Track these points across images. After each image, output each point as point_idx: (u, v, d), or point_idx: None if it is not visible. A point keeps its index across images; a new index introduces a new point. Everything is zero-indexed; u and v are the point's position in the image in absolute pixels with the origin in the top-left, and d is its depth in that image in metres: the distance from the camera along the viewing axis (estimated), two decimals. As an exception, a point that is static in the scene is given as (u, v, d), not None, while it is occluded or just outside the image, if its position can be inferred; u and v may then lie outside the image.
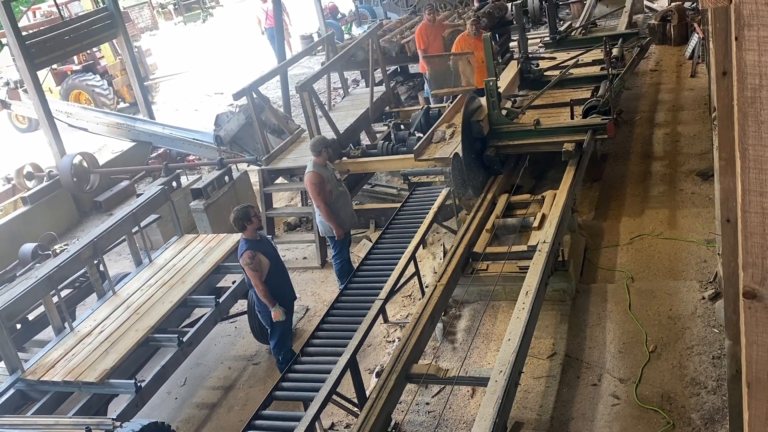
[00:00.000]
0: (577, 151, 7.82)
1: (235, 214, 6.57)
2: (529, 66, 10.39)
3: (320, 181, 7.69)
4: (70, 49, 13.60)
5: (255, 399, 6.70)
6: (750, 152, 1.53)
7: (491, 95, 8.10)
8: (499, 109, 8.23)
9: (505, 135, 8.27)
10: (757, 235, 1.57)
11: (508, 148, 8.32)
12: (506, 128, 8.29)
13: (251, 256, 6.49)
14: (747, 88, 1.49)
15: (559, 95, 9.55)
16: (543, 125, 8.11)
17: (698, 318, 6.44)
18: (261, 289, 6.55)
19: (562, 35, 11.83)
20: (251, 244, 6.59)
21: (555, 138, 8.03)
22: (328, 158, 7.93)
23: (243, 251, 6.54)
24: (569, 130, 8.04)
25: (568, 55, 10.85)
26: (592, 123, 7.99)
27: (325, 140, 8.04)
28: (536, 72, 10.30)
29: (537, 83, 10.00)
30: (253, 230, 6.65)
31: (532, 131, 8.09)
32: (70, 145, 13.08)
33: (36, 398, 6.32)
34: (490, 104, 8.17)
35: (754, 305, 1.62)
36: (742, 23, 1.46)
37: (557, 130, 8.12)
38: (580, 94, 9.37)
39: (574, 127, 8.08)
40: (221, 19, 34.14)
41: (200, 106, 18.81)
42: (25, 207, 11.60)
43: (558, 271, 6.90)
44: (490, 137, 8.25)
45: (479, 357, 6.57)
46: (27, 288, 6.59)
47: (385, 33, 14.18)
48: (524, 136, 8.21)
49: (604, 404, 5.73)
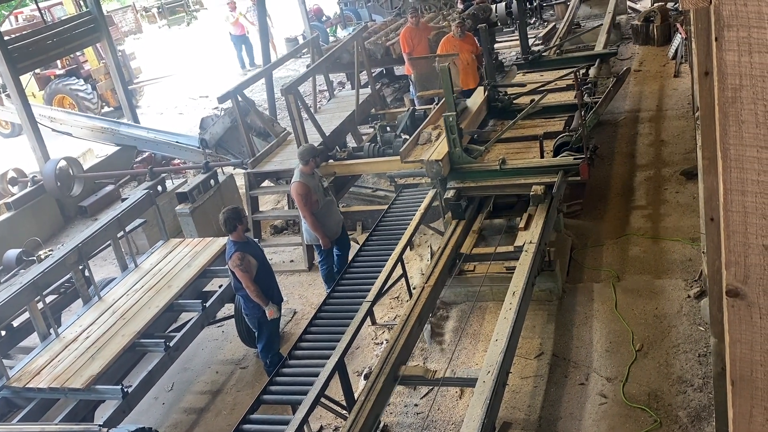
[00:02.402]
0: (547, 194, 7.06)
1: (226, 215, 6.54)
2: (496, 93, 9.42)
3: (306, 191, 7.66)
4: (53, 54, 13.53)
5: (243, 403, 6.67)
6: (731, 152, 1.54)
7: (451, 131, 7.35)
8: (461, 146, 7.46)
9: (467, 175, 7.52)
10: (739, 234, 1.59)
11: (470, 190, 7.54)
12: (468, 168, 7.52)
13: (241, 258, 6.47)
14: (727, 88, 1.50)
15: (530, 126, 8.69)
16: (509, 164, 7.38)
17: (684, 316, 6.49)
18: (253, 289, 6.52)
19: (535, 56, 11.12)
20: (239, 245, 6.56)
21: (522, 179, 7.29)
22: (315, 166, 7.90)
23: (232, 253, 6.51)
24: (538, 171, 7.27)
25: (541, 77, 10.25)
26: (563, 163, 7.21)
27: (314, 149, 7.96)
28: (505, 101, 9.35)
29: (506, 112, 9.17)
30: (242, 232, 6.63)
31: (497, 171, 7.34)
32: (54, 150, 12.98)
33: (21, 405, 6.28)
34: (450, 141, 7.41)
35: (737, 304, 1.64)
36: (722, 24, 1.47)
37: (525, 170, 7.35)
38: (552, 125, 8.56)
39: (544, 168, 7.29)
40: (205, 22, 34.01)
41: (185, 109, 18.74)
42: (9, 212, 11.50)
43: (544, 272, 6.93)
44: (451, 178, 7.51)
45: (467, 358, 6.59)
46: (12, 294, 6.54)
47: (370, 35, 14.20)
48: (489, 177, 7.44)
49: (592, 403, 5.75)
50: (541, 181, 7.11)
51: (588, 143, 7.02)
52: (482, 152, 7.62)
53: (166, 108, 19.38)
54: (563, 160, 7.24)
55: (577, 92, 7.26)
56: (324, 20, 22.40)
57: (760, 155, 1.51)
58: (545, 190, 7.03)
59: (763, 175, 1.52)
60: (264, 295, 6.59)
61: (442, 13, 15.99)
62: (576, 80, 7.42)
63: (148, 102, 20.35)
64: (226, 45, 22.46)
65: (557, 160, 7.32)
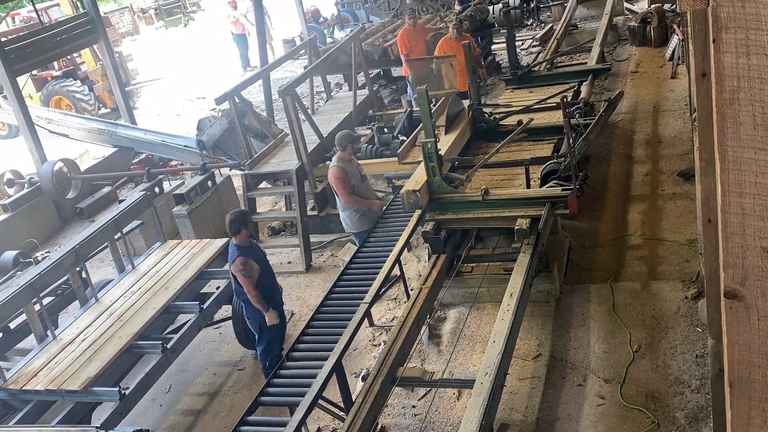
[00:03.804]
0: (533, 228, 6.45)
1: (232, 217, 6.53)
2: (481, 114, 8.66)
3: (344, 175, 7.78)
4: (50, 55, 13.51)
5: (240, 405, 6.67)
6: (729, 153, 1.54)
7: (430, 159, 6.75)
8: (440, 174, 6.84)
9: (447, 206, 6.89)
10: (737, 236, 1.59)
11: (451, 222, 6.95)
12: (449, 198, 6.90)
13: (243, 263, 6.46)
14: (725, 89, 1.50)
15: (516, 150, 8.06)
16: (493, 195, 6.73)
17: (681, 317, 6.49)
18: (254, 294, 6.52)
19: (524, 71, 10.31)
20: (243, 250, 6.55)
21: (506, 211, 6.67)
22: (353, 152, 7.97)
23: (235, 257, 6.49)
24: (523, 203, 6.64)
25: (530, 93, 9.61)
26: (550, 195, 6.56)
27: (351, 135, 8.11)
28: (490, 122, 8.61)
29: (491, 134, 8.52)
30: (246, 236, 6.63)
31: (480, 202, 6.72)
32: (51, 152, 12.96)
33: (18, 408, 6.26)
34: (428, 169, 6.81)
35: (735, 305, 1.64)
36: (720, 26, 1.47)
37: (509, 202, 6.71)
38: (540, 149, 7.96)
39: (530, 199, 6.66)
40: (202, 23, 34.01)
41: (182, 110, 18.73)
42: (6, 214, 11.49)
43: (542, 273, 6.93)
44: (430, 208, 6.91)
45: (465, 359, 6.59)
46: (8, 296, 6.53)
47: (367, 36, 14.21)
48: (470, 208, 6.81)
49: (590, 404, 5.75)
50: (526, 213, 6.52)
51: (577, 172, 6.45)
52: (463, 181, 7.00)
53: (163, 109, 19.37)
54: (550, 191, 6.61)
55: (565, 119, 6.47)
56: (321, 22, 22.42)
57: (757, 157, 1.51)
58: (531, 223, 6.43)
59: (760, 177, 1.52)
60: (264, 301, 6.59)
61: (440, 14, 16.01)
62: (563, 107, 6.56)
63: (145, 103, 20.34)
64: (225, 45, 22.49)
65: (544, 191, 6.69)
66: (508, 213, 6.64)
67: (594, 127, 7.26)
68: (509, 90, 10.20)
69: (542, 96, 9.09)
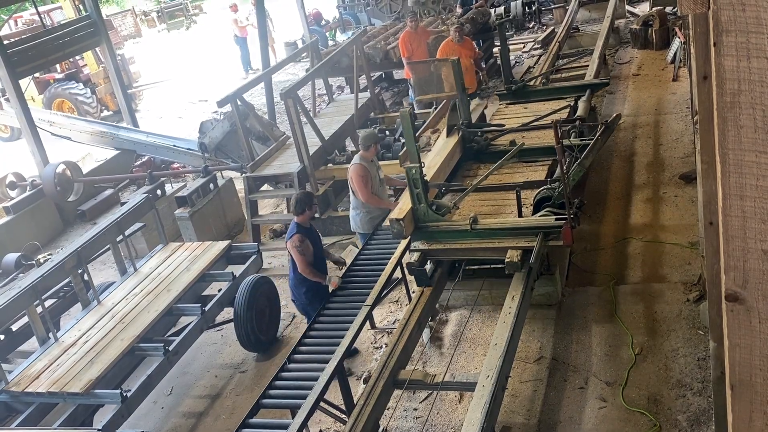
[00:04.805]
0: (525, 260, 6.03)
1: (298, 197, 6.86)
2: (472, 134, 8.27)
3: (367, 173, 7.77)
4: (52, 58, 13.55)
5: (242, 407, 6.67)
6: (730, 156, 1.54)
7: (414, 185, 6.30)
8: (426, 201, 6.39)
9: (434, 235, 6.47)
10: (738, 239, 1.59)
11: (437, 253, 6.51)
12: (435, 226, 6.47)
13: (301, 240, 6.70)
14: (726, 93, 1.51)
15: (508, 172, 7.66)
16: (481, 224, 6.31)
17: (683, 320, 6.48)
18: (309, 271, 6.77)
19: (519, 85, 9.90)
20: (301, 229, 6.80)
21: (496, 242, 6.24)
22: (376, 153, 7.97)
23: (293, 234, 6.72)
24: (515, 233, 6.22)
25: (524, 109, 9.25)
26: (542, 224, 6.16)
27: (375, 136, 8.07)
28: (481, 142, 8.24)
29: (482, 155, 8.16)
30: (308, 218, 6.87)
31: (468, 232, 6.29)
32: (53, 154, 13.00)
33: (20, 410, 6.27)
34: (413, 196, 6.37)
35: (736, 308, 1.64)
36: (721, 29, 1.47)
37: (499, 231, 6.29)
38: (533, 172, 7.58)
39: (521, 229, 6.24)
40: (205, 26, 34.05)
41: (184, 113, 18.75)
42: (8, 216, 11.50)
43: (544, 275, 6.91)
44: (415, 238, 6.50)
45: (466, 362, 6.58)
46: (11, 298, 6.54)
47: (369, 39, 14.22)
48: (458, 238, 6.39)
49: (591, 407, 5.74)
50: (517, 244, 6.10)
51: (572, 200, 6.07)
52: (450, 209, 6.62)
53: (165, 112, 19.40)
54: (543, 221, 6.22)
55: (557, 146, 6.02)
56: (323, 24, 22.45)
57: (758, 160, 1.52)
58: (522, 255, 6.02)
59: (761, 180, 1.53)
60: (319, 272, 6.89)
61: (441, 17, 16.02)
62: (556, 133, 6.00)
63: (147, 106, 20.37)
64: (227, 48, 22.50)
65: (536, 221, 6.29)
66: (498, 243, 6.23)
67: (589, 152, 6.92)
68: (503, 105, 9.81)
69: (537, 112, 8.86)
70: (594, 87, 9.83)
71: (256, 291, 7.48)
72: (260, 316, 7.52)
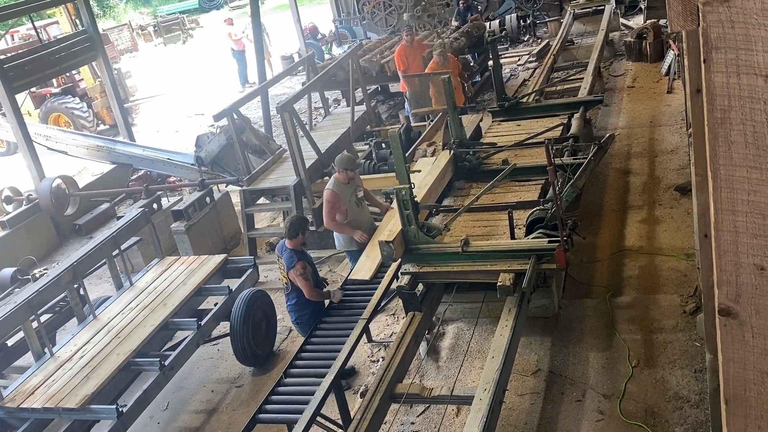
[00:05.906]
0: (517, 284, 5.93)
1: (293, 220, 6.81)
2: (464, 153, 8.19)
3: (335, 199, 7.65)
4: (48, 72, 13.58)
5: (238, 422, 6.64)
6: (721, 172, 1.55)
7: (405, 206, 6.22)
8: (417, 223, 6.31)
9: (424, 258, 6.38)
10: (730, 253, 1.59)
11: (428, 276, 6.38)
12: (426, 249, 6.37)
13: (303, 266, 6.67)
14: (716, 109, 1.52)
15: (501, 192, 7.55)
16: (473, 246, 6.20)
17: (680, 332, 6.49)
18: (316, 294, 6.76)
19: (512, 102, 9.79)
20: (299, 254, 6.76)
21: (488, 264, 6.14)
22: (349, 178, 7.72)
23: (295, 262, 6.66)
24: (507, 255, 6.11)
25: (518, 126, 9.24)
26: (535, 247, 6.06)
27: (350, 161, 7.77)
28: (473, 160, 8.18)
29: (475, 173, 8.11)
30: (300, 242, 6.82)
31: (459, 255, 6.20)
32: (50, 169, 12.98)
33: (15, 426, 6.22)
34: (403, 218, 6.29)
35: (729, 322, 1.64)
36: (710, 46, 1.48)
37: (491, 254, 6.18)
38: (526, 192, 7.50)
39: (513, 252, 6.13)
40: (201, 40, 34.14)
41: (181, 127, 18.77)
42: (4, 231, 11.48)
43: (540, 288, 6.91)
44: (406, 260, 6.42)
45: (464, 375, 6.57)
46: (6, 313, 6.51)
47: (365, 53, 14.27)
48: (449, 260, 6.29)
49: (589, 420, 5.74)
50: (509, 267, 6.01)
51: (564, 222, 5.97)
52: (441, 231, 6.54)
53: (161, 126, 19.41)
54: (536, 243, 6.12)
55: (549, 168, 5.89)
56: (319, 38, 22.51)
57: (749, 175, 1.52)
58: (515, 278, 5.94)
59: (753, 195, 1.53)
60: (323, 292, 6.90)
61: (437, 30, 16.10)
62: (548, 154, 5.90)
63: (143, 120, 20.38)
64: (224, 62, 22.54)
65: (528, 243, 6.20)
66: (490, 266, 6.13)
67: (582, 173, 6.89)
68: (496, 123, 9.77)
69: (531, 130, 8.84)
70: (588, 104, 9.80)
71: (252, 305, 7.46)
72: (257, 330, 7.50)
